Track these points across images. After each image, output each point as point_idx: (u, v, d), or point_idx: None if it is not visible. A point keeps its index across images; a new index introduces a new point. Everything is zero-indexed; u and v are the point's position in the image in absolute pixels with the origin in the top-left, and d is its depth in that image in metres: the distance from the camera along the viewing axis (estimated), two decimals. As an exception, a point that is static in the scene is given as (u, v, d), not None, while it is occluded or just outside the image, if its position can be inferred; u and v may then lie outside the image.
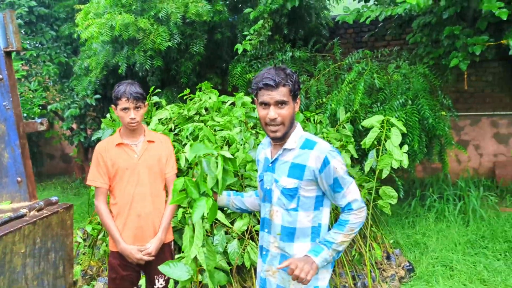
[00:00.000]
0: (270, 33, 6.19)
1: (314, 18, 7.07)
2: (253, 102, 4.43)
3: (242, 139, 4.42)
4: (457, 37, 5.20)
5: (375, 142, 4.20)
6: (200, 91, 5.13)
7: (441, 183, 6.65)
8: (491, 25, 5.21)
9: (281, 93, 1.93)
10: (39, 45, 8.89)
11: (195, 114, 4.93)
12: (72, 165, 11.14)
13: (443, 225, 5.58)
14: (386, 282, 4.22)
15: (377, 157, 4.15)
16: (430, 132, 5.56)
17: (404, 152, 4.12)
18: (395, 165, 4.06)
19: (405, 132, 4.32)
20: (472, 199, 5.87)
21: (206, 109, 4.98)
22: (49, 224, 2.16)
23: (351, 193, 1.98)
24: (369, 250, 4.07)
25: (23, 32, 8.73)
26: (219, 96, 4.97)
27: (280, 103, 1.94)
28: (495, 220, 5.64)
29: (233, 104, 4.93)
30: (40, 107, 8.70)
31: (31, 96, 8.64)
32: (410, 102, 5.37)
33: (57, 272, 2.25)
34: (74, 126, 8.94)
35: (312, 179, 1.98)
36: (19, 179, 2.32)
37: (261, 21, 6.08)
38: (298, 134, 2.07)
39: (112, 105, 2.90)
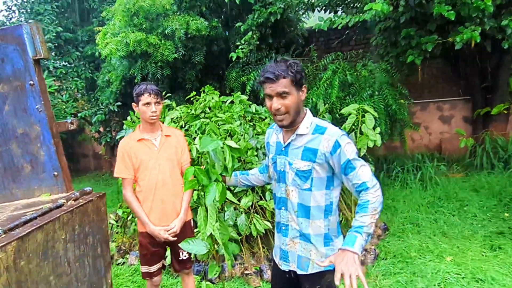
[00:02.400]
0: (258, 43, 5.93)
1: (292, 29, 6.82)
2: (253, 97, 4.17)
3: (242, 130, 4.21)
4: (412, 37, 4.98)
5: (353, 127, 4.00)
6: (204, 93, 4.89)
7: (402, 158, 6.48)
8: (438, 26, 5.01)
9: (281, 84, 1.67)
10: (67, 64, 8.52)
11: (201, 112, 4.74)
12: (101, 161, 10.84)
13: (407, 191, 5.43)
14: (367, 241, 4.04)
15: (355, 139, 3.95)
16: (392, 117, 5.38)
17: (377, 133, 3.94)
18: (371, 144, 3.87)
19: (377, 117, 4.13)
20: (428, 168, 5.71)
21: (209, 108, 4.78)
22: (85, 211, 1.90)
23: (364, 173, 1.66)
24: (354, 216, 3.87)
25: (53, 54, 8.35)
26: (219, 97, 4.77)
27: (281, 94, 1.68)
28: (447, 184, 5.49)
29: (232, 102, 4.72)
30: (72, 115, 8.36)
31: (64, 106, 8.29)
32: (376, 93, 5.17)
33: (96, 253, 2.00)
34: (101, 129, 8.65)
35: (323, 161, 1.73)
36: (55, 173, 2.06)
37: (250, 33, 5.82)
38: (309, 120, 1.80)
39: (133, 104, 2.62)
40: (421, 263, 3.55)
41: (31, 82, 1.98)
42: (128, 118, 4.82)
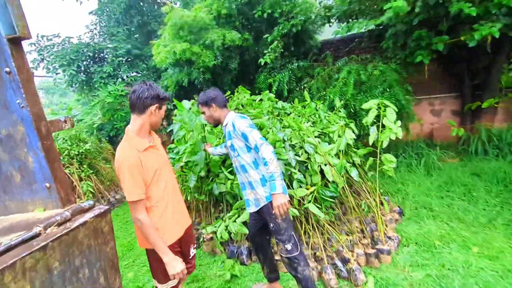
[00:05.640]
0: (282, 50, 4.84)
1: (310, 40, 5.63)
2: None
3: (270, 124, 3.19)
4: (422, 38, 3.75)
5: (374, 120, 2.90)
6: (237, 92, 3.91)
7: (403, 145, 5.26)
8: (448, 27, 3.74)
9: (201, 107, 1.95)
10: (136, 74, 7.69)
11: (235, 109, 3.76)
12: (165, 148, 10.04)
13: (414, 175, 4.25)
14: (386, 225, 2.97)
15: (378, 132, 2.86)
16: (399, 111, 4.20)
17: (398, 126, 2.82)
18: (393, 137, 2.77)
19: (397, 111, 3.00)
20: (431, 155, 4.50)
21: (242, 105, 3.80)
22: (73, 239, 0.98)
23: (254, 137, 1.74)
24: (373, 201, 2.82)
25: (126, 67, 7.51)
26: (250, 95, 3.79)
27: (202, 113, 1.96)
28: (448, 169, 4.28)
29: (261, 100, 3.71)
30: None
31: (134, 106, 7.50)
32: (387, 90, 4.00)
33: (97, 284, 1.08)
34: (165, 123, 7.81)
35: (235, 136, 1.84)
36: (47, 184, 1.12)
37: (275, 42, 4.73)
38: (229, 117, 1.92)
39: (155, 105, 1.50)
40: (448, 253, 2.46)
41: (7, 70, 1.04)
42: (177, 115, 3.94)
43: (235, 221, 2.97)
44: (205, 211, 3.62)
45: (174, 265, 1.48)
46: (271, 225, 1.85)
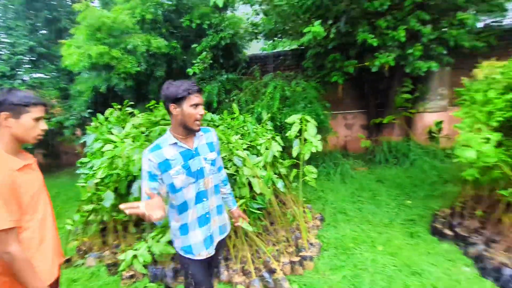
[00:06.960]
0: (211, 61, 4.81)
1: (238, 54, 5.75)
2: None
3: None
4: (336, 61, 4.22)
5: (297, 134, 3.08)
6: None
7: (321, 156, 5.74)
8: (356, 53, 4.29)
9: (202, 96, 1.46)
10: (42, 75, 6.62)
11: (161, 119, 3.51)
12: (80, 158, 8.75)
13: (332, 183, 4.66)
14: (309, 232, 3.16)
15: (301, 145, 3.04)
16: (319, 125, 4.60)
17: (318, 140, 3.05)
18: (314, 150, 2.98)
19: (317, 125, 3.26)
20: (345, 164, 5.02)
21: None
22: None
23: (221, 160, 1.68)
24: (297, 210, 2.97)
25: (28, 66, 6.40)
26: (178, 105, 3.57)
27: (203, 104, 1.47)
28: (359, 177, 4.83)
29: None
30: (47, 120, 6.50)
31: (38, 112, 6.40)
32: (308, 105, 4.34)
33: None
34: (79, 132, 6.85)
35: (217, 148, 1.60)
36: None
37: (204, 53, 4.68)
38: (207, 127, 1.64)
39: (4, 113, 1.20)
40: (359, 254, 2.74)
41: None
42: (92, 123, 3.53)
43: (158, 241, 2.74)
44: (125, 232, 3.26)
45: None
46: (221, 255, 1.70)
